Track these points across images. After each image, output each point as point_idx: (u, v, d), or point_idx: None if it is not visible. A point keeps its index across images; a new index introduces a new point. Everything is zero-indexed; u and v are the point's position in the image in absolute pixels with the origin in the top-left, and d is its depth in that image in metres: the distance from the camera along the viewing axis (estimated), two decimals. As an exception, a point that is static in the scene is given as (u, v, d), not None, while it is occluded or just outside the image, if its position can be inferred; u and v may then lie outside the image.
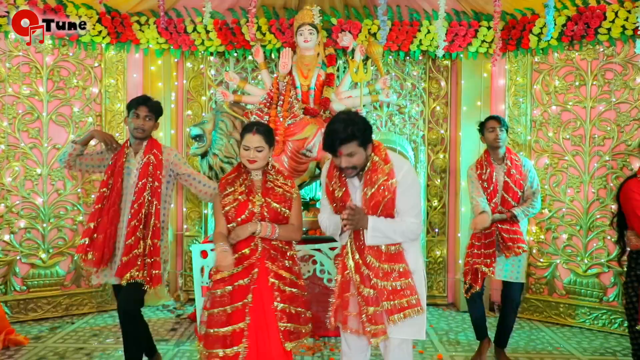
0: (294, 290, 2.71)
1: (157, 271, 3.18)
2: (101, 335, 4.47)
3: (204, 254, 4.29)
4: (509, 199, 3.80)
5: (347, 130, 2.46)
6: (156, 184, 3.25)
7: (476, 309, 3.94)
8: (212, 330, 2.62)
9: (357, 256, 2.56)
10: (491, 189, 3.82)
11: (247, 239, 2.66)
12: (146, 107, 3.27)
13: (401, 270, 2.55)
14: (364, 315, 2.52)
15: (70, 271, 5.04)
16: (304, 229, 4.52)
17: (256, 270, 2.65)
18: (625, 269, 2.98)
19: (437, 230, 5.59)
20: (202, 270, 4.30)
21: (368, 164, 2.59)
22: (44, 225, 4.91)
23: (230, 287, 2.64)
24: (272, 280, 2.65)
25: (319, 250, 4.35)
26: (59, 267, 4.99)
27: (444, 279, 5.59)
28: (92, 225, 3.21)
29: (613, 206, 4.47)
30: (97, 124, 5.13)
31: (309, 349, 4.15)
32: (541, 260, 5.06)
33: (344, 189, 2.62)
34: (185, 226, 5.65)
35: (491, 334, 4.03)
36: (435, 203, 5.59)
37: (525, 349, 4.29)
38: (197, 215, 5.63)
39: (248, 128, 2.77)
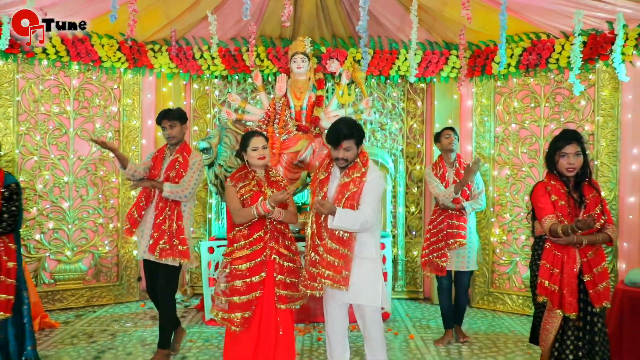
0: (290, 264, 3.41)
1: (184, 247, 3.92)
2: (121, 321, 5.18)
3: (210, 249, 5.02)
4: (458, 196, 4.55)
5: (350, 130, 3.23)
6: (177, 180, 3.95)
7: (444, 300, 4.67)
8: (234, 299, 3.28)
9: (314, 227, 3.30)
10: (459, 191, 4.58)
11: (260, 223, 3.35)
12: (167, 119, 4.00)
13: (344, 253, 3.21)
14: (304, 272, 3.32)
15: (91, 267, 5.75)
16: (296, 229, 5.28)
17: (268, 250, 3.35)
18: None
19: (414, 232, 6.33)
20: (209, 264, 5.03)
21: (351, 163, 3.33)
22: (69, 226, 5.62)
23: (249, 264, 3.31)
24: (274, 256, 3.36)
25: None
26: (82, 263, 5.70)
27: (420, 276, 6.31)
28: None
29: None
30: (116, 139, 5.87)
31: (301, 331, 4.87)
32: (503, 258, 5.80)
33: (326, 174, 3.38)
34: (191, 229, 6.35)
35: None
36: (412, 209, 6.34)
37: (486, 332, 5.02)
38: (202, 219, 6.35)
39: (250, 134, 3.49)
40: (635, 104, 5.01)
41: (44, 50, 5.27)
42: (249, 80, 6.18)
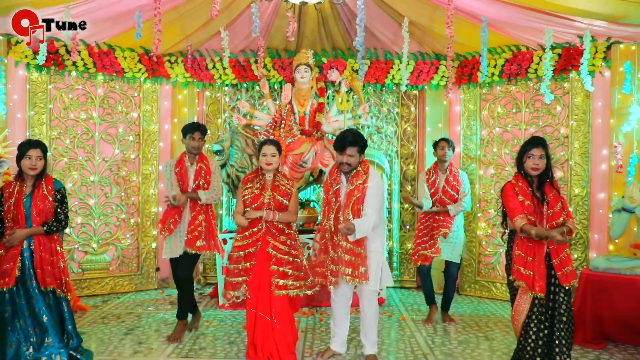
0: (287, 257, 4.00)
1: (220, 244, 4.70)
2: (143, 305, 5.79)
3: (224, 241, 5.61)
4: (445, 199, 5.15)
5: (355, 138, 3.90)
6: (206, 185, 4.58)
7: (426, 283, 5.28)
8: (228, 279, 4.03)
9: (333, 229, 3.94)
10: (433, 190, 5.19)
11: (257, 220, 3.98)
12: (199, 132, 4.59)
13: (359, 252, 3.88)
14: (329, 269, 3.94)
15: (115, 258, 6.36)
16: (300, 223, 5.87)
17: (260, 243, 3.98)
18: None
19: (407, 227, 6.92)
20: (222, 254, 5.62)
21: (355, 170, 3.95)
22: (95, 221, 6.23)
23: (243, 252, 3.98)
24: (269, 249, 3.97)
25: (312, 239, 5.64)
26: (107, 254, 6.30)
27: (413, 266, 6.88)
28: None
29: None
30: (137, 142, 6.47)
31: (305, 314, 5.46)
32: (488, 249, 6.38)
33: (337, 186, 4.00)
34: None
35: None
36: (406, 205, 6.92)
37: (471, 315, 5.61)
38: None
39: (264, 142, 4.13)
40: (604, 110, 5.58)
41: (74, 63, 5.87)
42: (257, 88, 6.77)
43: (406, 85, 6.13)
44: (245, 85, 6.78)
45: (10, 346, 3.70)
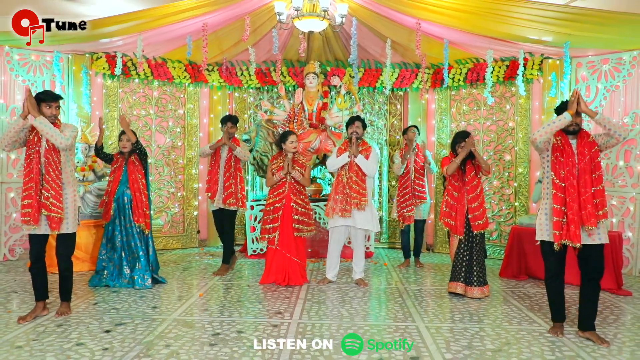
0: (303, 209, 5.86)
1: (244, 200, 6.40)
2: (190, 256, 7.68)
3: (251, 207, 7.47)
4: (416, 167, 6.93)
5: (359, 117, 5.85)
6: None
7: (405, 239, 7.09)
8: (263, 226, 5.84)
9: (348, 175, 5.72)
10: (406, 162, 6.97)
11: (282, 184, 5.80)
12: (231, 122, 6.38)
13: (362, 185, 5.69)
14: (344, 204, 5.72)
15: (166, 222, 8.25)
16: (309, 194, 7.71)
17: (285, 200, 5.81)
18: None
19: (394, 200, 8.71)
20: (250, 217, 7.49)
21: (360, 140, 5.79)
22: (152, 193, 8.10)
23: (272, 207, 5.81)
24: (292, 204, 5.81)
25: (318, 206, 7.49)
26: (160, 219, 8.18)
27: (399, 231, 8.69)
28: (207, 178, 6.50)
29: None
30: (182, 132, 8.33)
31: (312, 262, 7.30)
32: (455, 216, 8.17)
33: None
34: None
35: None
36: (393, 183, 8.74)
37: (437, 263, 7.43)
38: (241, 190, 8.78)
39: (289, 133, 5.92)
40: (539, 108, 7.36)
41: (137, 72, 7.73)
42: (275, 90, 8.60)
43: (390, 90, 7.93)
44: (266, 88, 8.62)
45: (116, 267, 5.61)
